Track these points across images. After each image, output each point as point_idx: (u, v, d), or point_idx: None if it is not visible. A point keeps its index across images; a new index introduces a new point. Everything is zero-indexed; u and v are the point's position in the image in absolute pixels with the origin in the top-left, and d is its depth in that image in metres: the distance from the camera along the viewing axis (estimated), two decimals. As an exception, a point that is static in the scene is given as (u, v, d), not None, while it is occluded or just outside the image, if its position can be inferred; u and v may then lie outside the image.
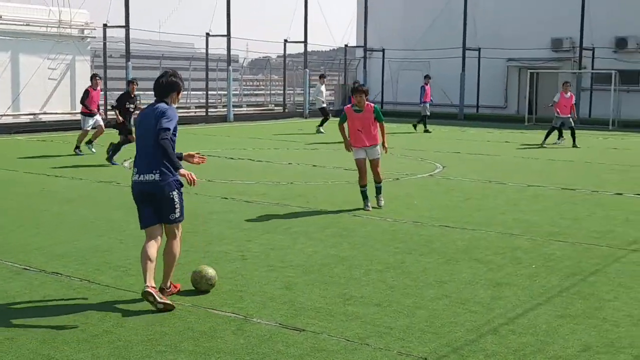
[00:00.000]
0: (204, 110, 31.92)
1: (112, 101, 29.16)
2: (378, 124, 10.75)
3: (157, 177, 6.28)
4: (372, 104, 10.81)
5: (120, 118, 15.99)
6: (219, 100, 36.19)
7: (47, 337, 5.48)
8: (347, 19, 57.08)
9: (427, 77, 27.33)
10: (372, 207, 10.78)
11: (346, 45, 39.13)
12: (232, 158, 17.06)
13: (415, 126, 26.55)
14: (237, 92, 37.52)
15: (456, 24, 35.47)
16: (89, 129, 17.84)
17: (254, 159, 16.84)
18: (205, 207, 10.89)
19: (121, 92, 17.81)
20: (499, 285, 7.01)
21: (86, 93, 17.81)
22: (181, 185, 6.42)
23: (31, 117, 25.85)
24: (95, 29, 28.29)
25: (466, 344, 5.48)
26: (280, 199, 11.67)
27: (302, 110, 35.07)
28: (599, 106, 32.43)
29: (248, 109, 36.66)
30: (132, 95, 16.33)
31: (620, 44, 33.24)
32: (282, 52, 35.97)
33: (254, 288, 6.78)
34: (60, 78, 26.91)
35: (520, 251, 8.42)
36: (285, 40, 34.97)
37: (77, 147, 17.61)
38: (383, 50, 38.34)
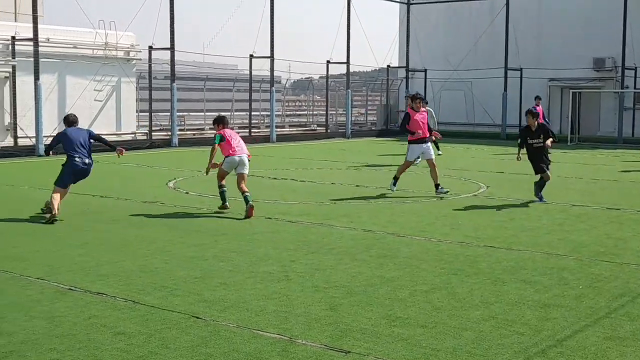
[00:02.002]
0: (247, 130, 32.20)
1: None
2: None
3: (90, 161, 11.58)
4: (216, 133, 12.60)
5: (520, 157, 14.01)
6: (262, 121, 36.46)
7: (92, 359, 5.52)
8: (389, 40, 57.10)
9: (537, 98, 26.27)
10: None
11: (388, 66, 39.15)
12: (275, 178, 17.13)
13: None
14: (280, 113, 37.73)
15: (498, 44, 35.32)
16: (412, 160, 14.97)
17: (296, 179, 16.88)
18: (249, 227, 10.94)
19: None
20: (546, 306, 6.91)
21: (406, 117, 14.66)
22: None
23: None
24: (140, 51, 28.77)
25: (514, 366, 5.40)
26: (323, 219, 11.67)
27: (344, 131, 35.15)
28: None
29: (290, 129, 36.87)
30: (533, 129, 13.87)
31: (662, 63, 32.79)
32: (325, 72, 36.15)
33: (298, 309, 6.77)
34: (106, 100, 27.39)
35: (567, 272, 8.29)
36: (328, 62, 35.15)
37: (395, 178, 14.82)
38: (425, 71, 38.28)
